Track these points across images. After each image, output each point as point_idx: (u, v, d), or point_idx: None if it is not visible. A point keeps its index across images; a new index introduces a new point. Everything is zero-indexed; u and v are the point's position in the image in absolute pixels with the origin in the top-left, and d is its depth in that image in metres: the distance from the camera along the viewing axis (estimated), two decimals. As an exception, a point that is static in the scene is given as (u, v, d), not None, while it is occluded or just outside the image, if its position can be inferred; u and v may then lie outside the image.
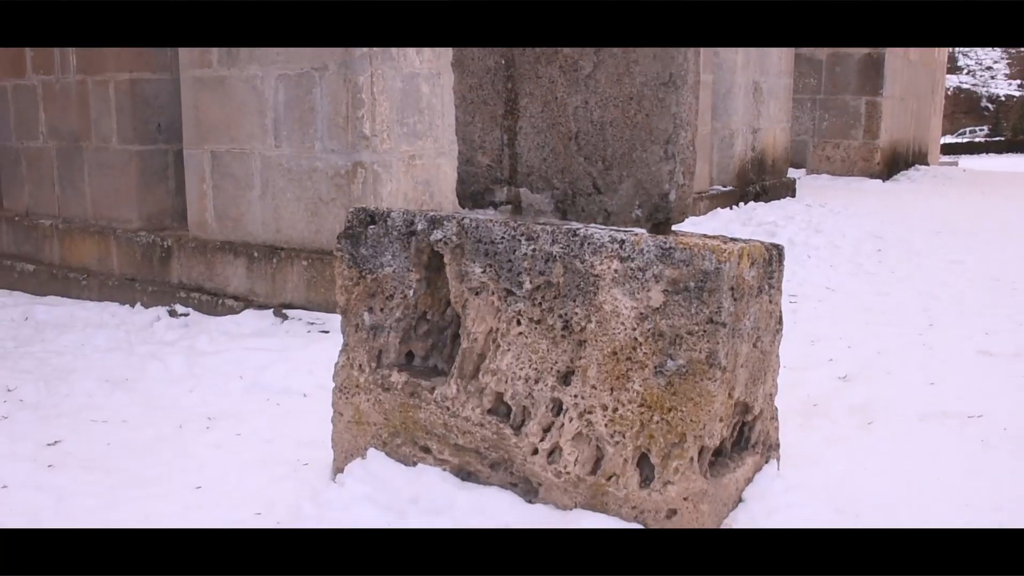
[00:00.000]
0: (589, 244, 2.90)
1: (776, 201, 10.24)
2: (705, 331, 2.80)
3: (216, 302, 6.15)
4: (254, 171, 6.00)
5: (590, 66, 3.22)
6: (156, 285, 6.59)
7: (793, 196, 10.96)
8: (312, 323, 5.63)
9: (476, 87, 3.40)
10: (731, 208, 9.41)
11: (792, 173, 12.40)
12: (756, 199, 9.99)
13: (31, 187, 7.71)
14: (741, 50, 9.51)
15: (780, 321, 3.28)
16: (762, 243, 3.13)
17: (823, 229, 8.52)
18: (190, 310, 6.22)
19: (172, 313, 6.22)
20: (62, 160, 7.37)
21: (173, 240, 6.57)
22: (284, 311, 5.81)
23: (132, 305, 6.55)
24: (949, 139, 41.41)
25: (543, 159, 3.29)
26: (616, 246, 2.87)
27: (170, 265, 6.57)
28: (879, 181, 13.93)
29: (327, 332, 5.41)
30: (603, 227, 3.06)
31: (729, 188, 9.63)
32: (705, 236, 3.03)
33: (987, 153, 40.92)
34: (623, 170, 3.18)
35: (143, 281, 6.70)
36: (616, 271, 2.87)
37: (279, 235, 5.99)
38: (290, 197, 5.85)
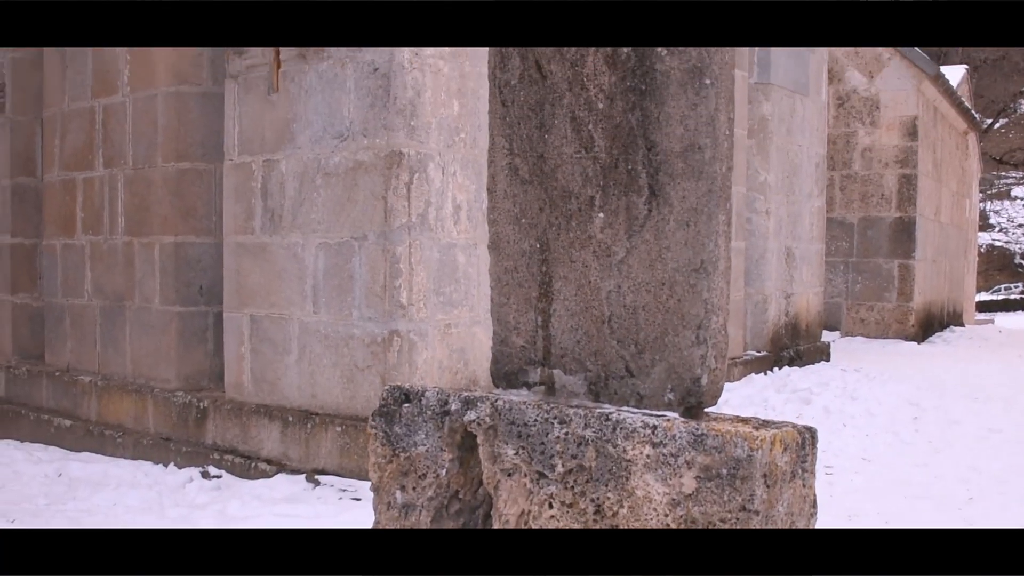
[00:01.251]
0: (621, 429, 2.92)
1: (811, 366, 10.22)
2: (738, 519, 2.78)
3: (249, 465, 6.17)
4: (292, 336, 6.10)
5: (623, 252, 3.31)
6: (190, 445, 6.63)
7: (828, 360, 10.93)
8: (344, 490, 5.62)
9: (511, 270, 3.48)
10: (765, 373, 9.40)
11: (826, 336, 12.40)
12: (790, 364, 9.97)
13: (73, 343, 7.87)
14: (773, 216, 9.66)
15: (815, 504, 3.26)
16: (795, 426, 3.13)
17: (858, 396, 8.46)
18: (223, 472, 6.23)
19: (205, 475, 6.24)
20: (105, 318, 7.54)
21: (209, 401, 6.64)
22: (317, 476, 5.82)
23: (166, 465, 6.58)
24: (984, 296, 41.33)
25: (576, 341, 3.34)
26: (648, 431, 2.89)
27: (205, 426, 6.62)
28: (914, 343, 13.88)
29: (359, 500, 5.40)
30: (636, 411, 3.08)
31: (763, 353, 9.64)
32: (737, 419, 3.05)
33: (1022, 310, 40.75)
34: (655, 354, 3.22)
35: (178, 441, 6.74)
36: (648, 456, 2.88)
37: (314, 400, 6.04)
38: (326, 363, 5.92)
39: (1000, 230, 68.09)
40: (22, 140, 8.57)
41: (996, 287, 57.95)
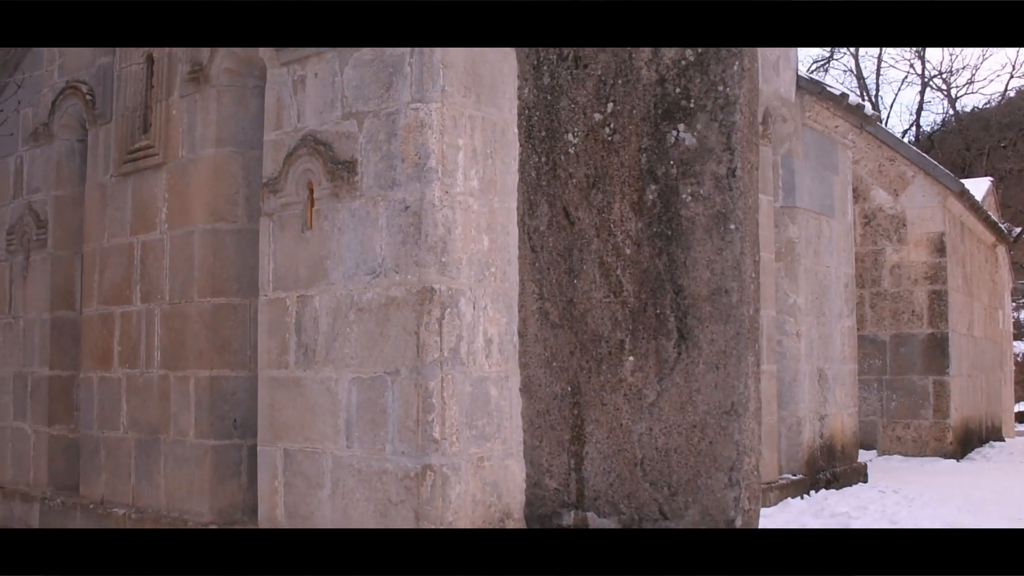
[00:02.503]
0: (657, 577, 2.91)
1: (848, 488, 10.07)
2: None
3: (282, 601, 6.12)
4: (325, 470, 6.12)
5: (653, 394, 3.34)
6: (223, 581, 6.60)
7: (865, 481, 10.77)
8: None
9: (543, 412, 3.51)
10: (801, 497, 9.27)
11: (863, 455, 12.24)
12: (827, 486, 9.83)
13: (108, 476, 7.91)
14: (804, 338, 9.66)
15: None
16: None
17: (898, 520, 8.32)
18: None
19: (238, 612, 6.18)
20: (140, 451, 7.59)
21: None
22: (349, 613, 5.76)
23: (198, 602, 6.53)
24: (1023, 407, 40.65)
25: (609, 484, 3.35)
26: (684, 580, 2.88)
27: (238, 561, 6.60)
28: (953, 461, 13.66)
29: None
30: (670, 557, 3.07)
31: (799, 476, 9.52)
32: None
33: (1064, 421, 39.96)
34: (688, 496, 3.22)
35: (210, 577, 6.71)
36: (684, 606, 2.86)
37: (347, 534, 6.02)
38: (359, 497, 5.93)
39: (1036, 338, 67.22)
40: (62, 274, 8.77)
41: (1035, 397, 56.95)
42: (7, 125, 9.21)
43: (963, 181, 15.23)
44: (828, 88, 10.13)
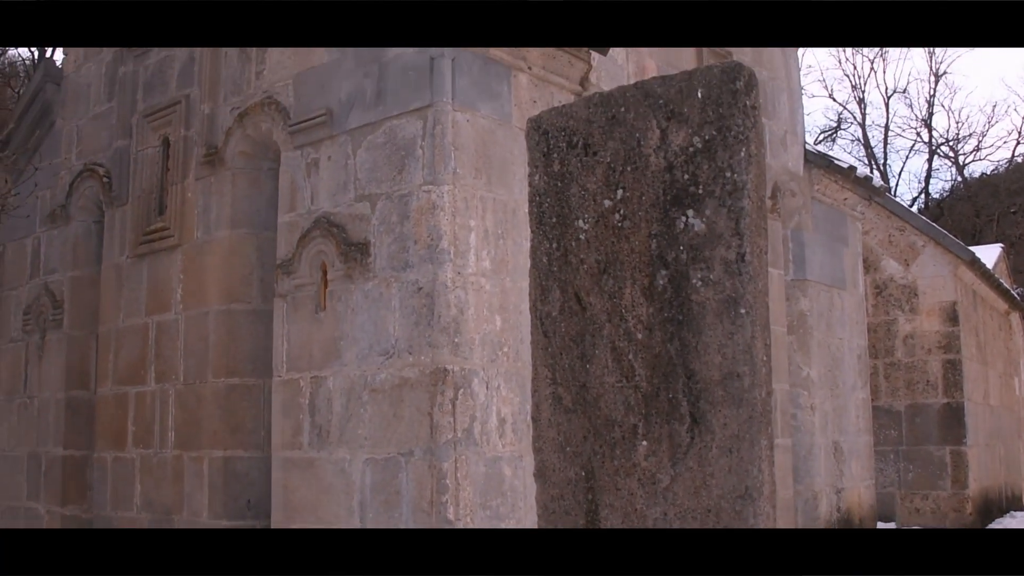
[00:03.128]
0: (674, 668, 2.89)
1: (866, 562, 9.95)
2: None
3: None
4: (339, 552, 6.09)
5: (667, 479, 3.33)
6: (236, 666, 6.53)
7: (884, 554, 10.63)
8: None
9: (557, 498, 3.51)
10: (820, 572, 9.16)
11: (881, 527, 12.10)
12: (845, 560, 9.72)
13: (121, 559, 7.87)
14: (818, 411, 9.62)
15: None
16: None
17: (918, 596, 8.20)
18: None
19: None
20: (153, 533, 7.57)
21: (256, 619, 6.57)
22: None
23: None
24: (1043, 476, 40.27)
25: (625, 571, 3.33)
26: (701, 671, 2.85)
27: (251, 645, 6.53)
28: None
29: None
30: (687, 646, 3.05)
31: (816, 550, 9.42)
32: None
33: (1086, 490, 39.50)
34: (705, 583, 3.20)
35: (223, 661, 6.64)
36: None
37: (361, 617, 5.97)
38: (373, 579, 5.89)
39: (1053, 405, 66.64)
40: (77, 354, 8.83)
41: (1055, 464, 56.34)
42: (25, 207, 9.35)
43: (974, 248, 15.25)
44: (836, 161, 10.22)
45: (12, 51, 19.43)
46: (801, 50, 11.04)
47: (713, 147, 3.49)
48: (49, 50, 18.59)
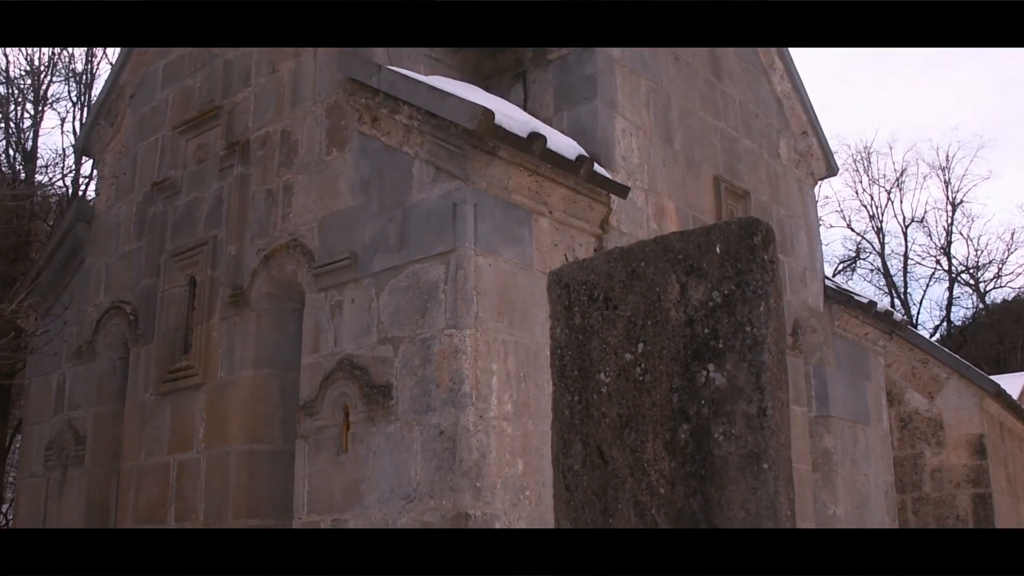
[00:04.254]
0: None
1: None
2: None
3: None
4: None
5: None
6: None
7: None
8: None
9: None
10: None
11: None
12: None
13: None
14: None
15: None
16: None
17: None
18: None
19: None
20: None
21: None
22: None
23: None
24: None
25: None
26: None
27: None
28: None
29: None
30: None
31: None
32: None
33: None
34: None
35: None
36: None
37: None
38: None
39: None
40: (98, 491, 8.80)
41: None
42: (52, 343, 9.46)
43: (999, 377, 15.12)
44: (856, 297, 10.26)
45: (47, 183, 19.94)
46: (819, 182, 11.19)
47: (732, 302, 3.54)
48: (83, 188, 19.06)
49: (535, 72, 7.98)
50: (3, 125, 18.43)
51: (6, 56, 18.74)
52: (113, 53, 19.84)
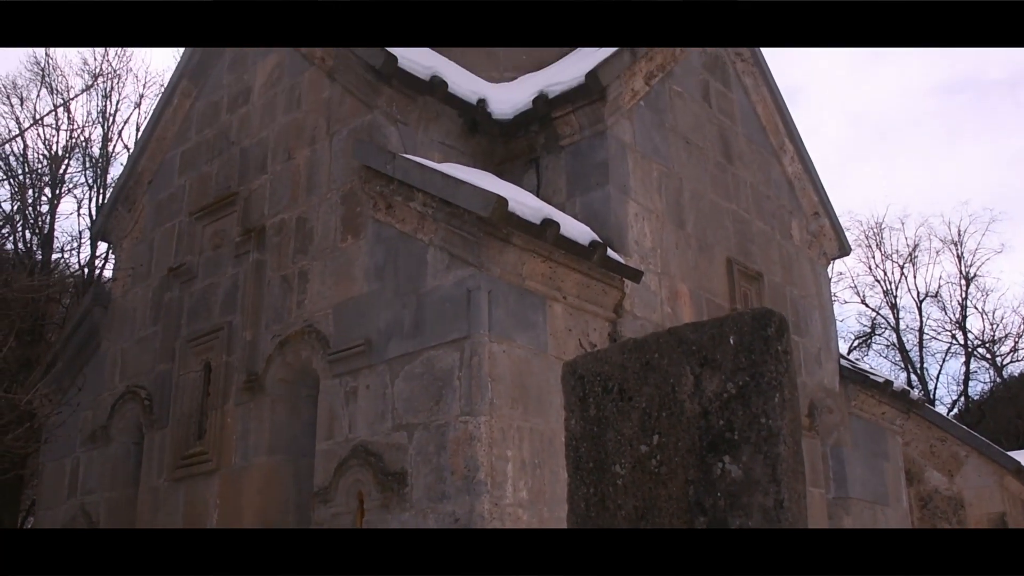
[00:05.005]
0: None
1: None
2: None
3: None
4: None
5: None
6: None
7: None
8: None
9: None
10: None
11: None
12: None
13: None
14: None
15: None
16: None
17: None
18: None
19: None
20: None
21: None
22: None
23: None
24: None
25: None
26: None
27: None
28: None
29: None
30: None
31: None
32: None
33: None
34: None
35: None
36: None
37: None
38: None
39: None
40: (110, 579, 8.72)
41: None
42: (66, 427, 9.47)
43: (1018, 454, 14.93)
44: (872, 376, 10.22)
45: (63, 262, 20.14)
46: (831, 262, 11.22)
47: (747, 393, 3.54)
48: (99, 268, 19.24)
49: (548, 158, 8.08)
50: (19, 206, 18.66)
51: (24, 141, 19.07)
52: (129, 136, 20.22)
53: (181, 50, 20.50)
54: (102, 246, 18.30)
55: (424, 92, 7.75)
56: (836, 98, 44.50)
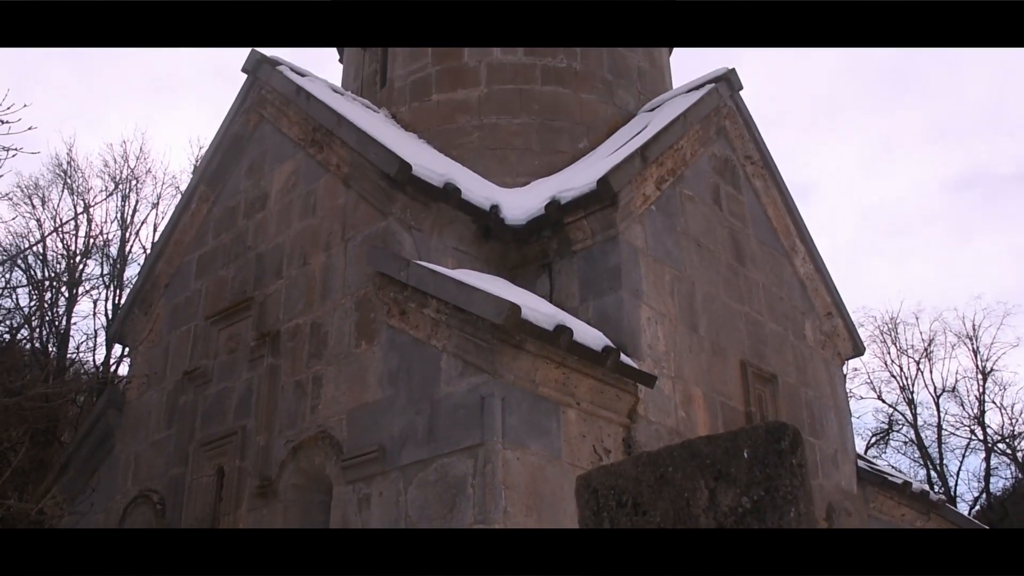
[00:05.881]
0: None
1: None
2: None
3: None
4: None
5: None
6: None
7: None
8: None
9: None
10: None
11: None
12: None
13: None
14: None
15: None
16: None
17: None
18: None
19: None
20: None
21: None
22: None
23: None
24: None
25: None
26: None
27: None
28: None
29: None
30: None
31: None
32: None
33: None
34: None
35: None
36: None
37: None
38: None
39: None
40: None
41: None
42: (79, 527, 9.40)
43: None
44: (890, 478, 10.11)
45: (78, 362, 20.22)
46: (846, 362, 11.18)
47: (762, 508, 3.52)
48: (113, 366, 19.30)
49: (560, 263, 8.15)
50: (37, 307, 18.81)
51: (43, 240, 19.33)
52: (147, 236, 20.48)
53: (200, 152, 20.92)
54: (118, 345, 18.37)
55: (438, 199, 7.86)
56: (849, 193, 44.80)
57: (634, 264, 7.92)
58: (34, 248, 18.70)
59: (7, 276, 18.08)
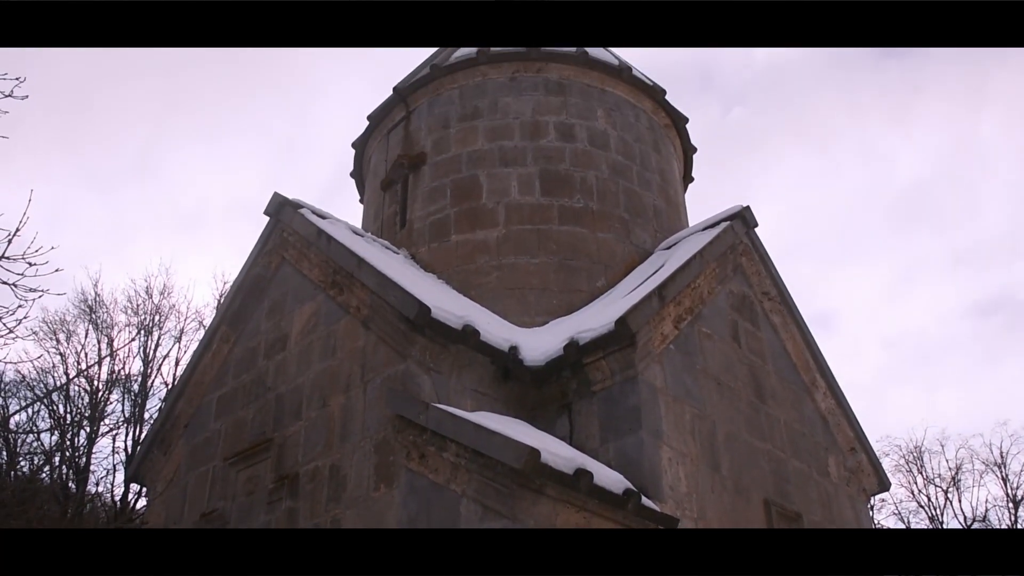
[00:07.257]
0: None
1: None
2: None
3: None
4: None
5: None
6: None
7: None
8: None
9: None
10: None
11: None
12: None
13: None
14: None
15: None
16: None
17: None
18: None
19: None
20: None
21: None
22: None
23: None
24: None
25: None
26: None
27: None
28: None
29: None
30: None
31: None
32: None
33: None
34: None
35: None
36: None
37: None
38: None
39: None
40: None
41: None
42: None
43: None
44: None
45: (97, 497, 20.09)
46: (871, 497, 10.99)
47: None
48: (132, 501, 19.14)
49: (580, 403, 8.12)
50: (59, 443, 18.79)
51: (67, 375, 19.41)
52: (168, 371, 20.59)
53: (224, 287, 21.13)
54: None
55: (457, 340, 7.90)
56: (871, 321, 44.72)
57: (654, 404, 7.88)
58: (57, 382, 18.77)
59: (32, 415, 18.11)
